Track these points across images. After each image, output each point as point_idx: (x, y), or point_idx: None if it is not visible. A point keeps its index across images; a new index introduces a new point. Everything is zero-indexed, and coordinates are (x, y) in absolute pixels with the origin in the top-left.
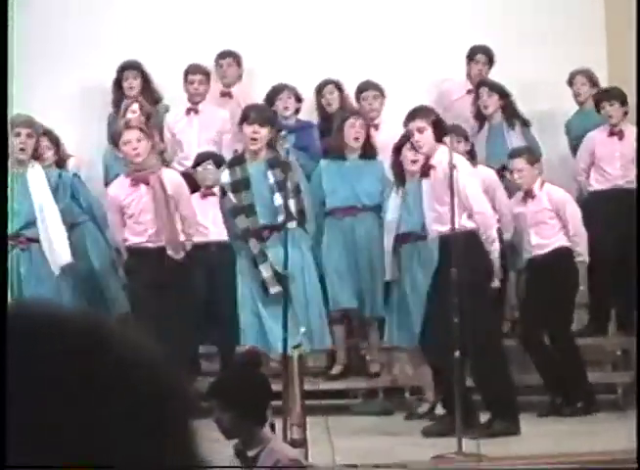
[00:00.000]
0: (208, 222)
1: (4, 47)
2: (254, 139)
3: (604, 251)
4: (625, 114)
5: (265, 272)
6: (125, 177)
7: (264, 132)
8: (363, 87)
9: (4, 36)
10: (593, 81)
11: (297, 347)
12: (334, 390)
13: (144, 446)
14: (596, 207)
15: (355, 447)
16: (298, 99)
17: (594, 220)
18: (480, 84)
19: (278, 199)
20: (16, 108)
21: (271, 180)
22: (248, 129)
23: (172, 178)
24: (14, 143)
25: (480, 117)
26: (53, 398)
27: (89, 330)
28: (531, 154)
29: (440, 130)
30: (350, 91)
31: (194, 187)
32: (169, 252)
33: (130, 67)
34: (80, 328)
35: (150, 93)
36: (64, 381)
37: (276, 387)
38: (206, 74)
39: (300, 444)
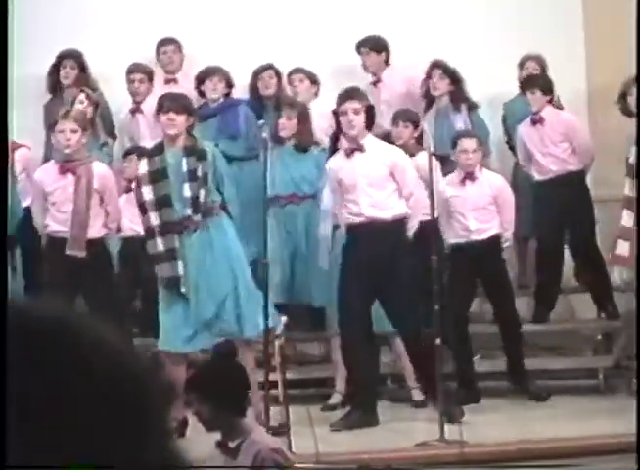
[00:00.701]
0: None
1: (4, 45)
2: (171, 125)
3: (552, 238)
4: (549, 102)
5: (163, 272)
6: (54, 164)
7: (181, 119)
8: (291, 72)
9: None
10: (543, 67)
11: (278, 336)
12: (314, 379)
13: (122, 440)
14: (545, 195)
15: (338, 436)
16: (229, 85)
17: (544, 208)
18: (433, 66)
19: (187, 190)
20: None
21: (184, 169)
22: (164, 117)
23: (101, 172)
24: None
25: (429, 98)
26: (26, 395)
27: (59, 325)
28: (479, 136)
29: (371, 117)
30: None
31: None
32: (69, 250)
33: (69, 55)
34: (51, 323)
35: (86, 83)
36: (34, 379)
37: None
38: (147, 73)
39: (282, 431)
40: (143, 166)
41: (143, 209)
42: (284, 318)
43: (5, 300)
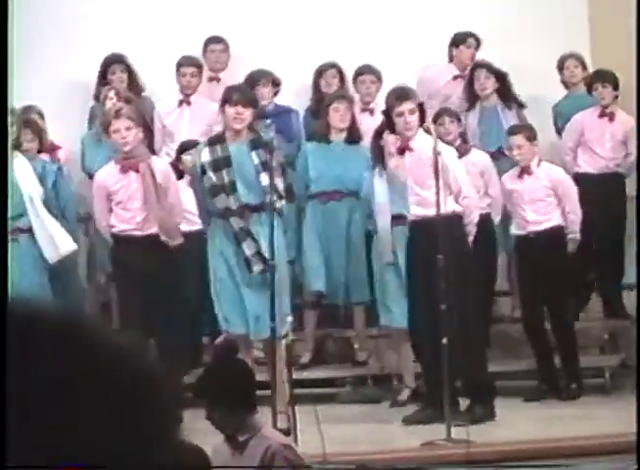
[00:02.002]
0: (195, 210)
1: (4, 43)
2: (239, 119)
3: (589, 233)
4: (616, 97)
5: (248, 250)
6: (115, 164)
7: (247, 113)
8: (360, 71)
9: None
10: (584, 65)
11: (284, 336)
12: (322, 378)
13: (127, 439)
14: (584, 188)
15: (345, 436)
16: (276, 83)
17: (581, 202)
18: (476, 66)
19: (265, 178)
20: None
21: (256, 161)
22: (230, 110)
23: (161, 167)
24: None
25: (472, 99)
26: (36, 394)
27: (70, 326)
28: (530, 131)
29: (423, 114)
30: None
31: (179, 176)
32: (164, 239)
33: (116, 60)
34: (61, 324)
35: (135, 86)
36: (45, 378)
37: (263, 376)
38: (199, 67)
39: (287, 433)
40: (205, 155)
41: (214, 191)
42: (289, 318)
43: (5, 300)
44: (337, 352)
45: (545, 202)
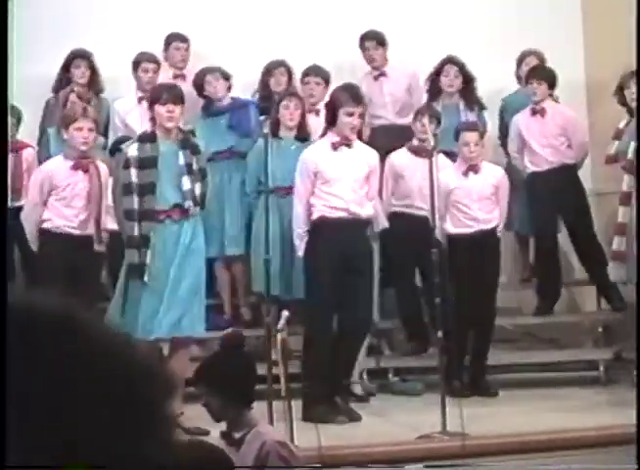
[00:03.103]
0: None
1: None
2: (170, 117)
3: (548, 229)
4: (550, 95)
5: (134, 258)
6: (64, 159)
7: (178, 111)
8: (307, 72)
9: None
10: (543, 61)
11: (279, 330)
12: None
13: (124, 435)
14: (538, 187)
15: (340, 430)
16: (226, 77)
17: (538, 199)
18: (447, 61)
19: (187, 182)
20: None
21: (181, 161)
22: (161, 109)
23: (104, 169)
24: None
25: (434, 93)
26: (33, 393)
27: (63, 319)
28: (482, 129)
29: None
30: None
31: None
32: (96, 246)
33: (81, 55)
34: (54, 317)
35: (95, 83)
36: (42, 376)
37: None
38: (157, 63)
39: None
40: (133, 150)
41: (127, 190)
42: (285, 312)
43: (5, 300)
44: None
45: (490, 200)
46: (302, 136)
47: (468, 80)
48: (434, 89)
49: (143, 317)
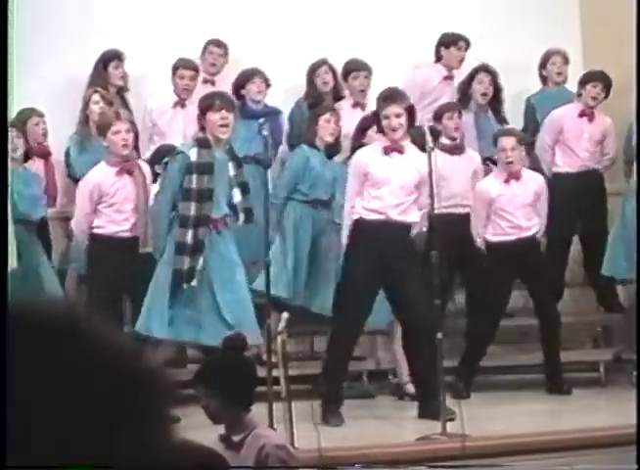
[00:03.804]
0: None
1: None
2: (225, 125)
3: (565, 233)
4: (604, 98)
5: (183, 264)
6: (107, 165)
7: (232, 118)
8: (350, 68)
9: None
10: (568, 61)
11: (280, 332)
12: (318, 374)
13: (124, 434)
14: (564, 186)
15: (340, 431)
16: (267, 84)
17: (559, 200)
18: (480, 70)
19: (237, 195)
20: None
21: (231, 172)
22: (215, 116)
23: (147, 170)
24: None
25: (465, 101)
26: (33, 393)
27: (66, 321)
28: (521, 135)
29: (412, 118)
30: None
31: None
32: (144, 248)
33: (117, 56)
34: (57, 319)
35: (126, 85)
36: (42, 377)
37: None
38: (196, 70)
39: None
40: (193, 154)
41: (186, 196)
42: (285, 314)
43: (5, 300)
44: None
45: (532, 207)
46: (335, 151)
47: (497, 90)
48: (464, 97)
49: (186, 323)
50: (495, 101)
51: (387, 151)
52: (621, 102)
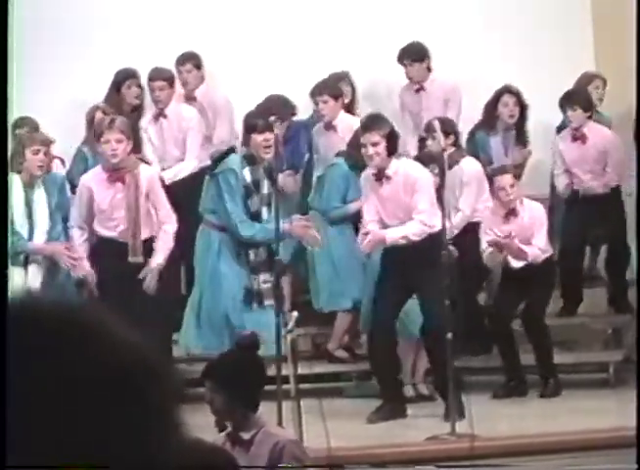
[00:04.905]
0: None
1: (4, 48)
2: (269, 146)
3: (578, 246)
4: (589, 117)
5: (264, 283)
6: (102, 171)
7: (272, 138)
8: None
9: (4, 36)
10: (605, 85)
11: (289, 331)
12: (327, 373)
13: (130, 432)
14: (575, 206)
15: (349, 430)
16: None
17: (573, 217)
18: (505, 91)
19: (272, 211)
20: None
21: (265, 191)
22: (259, 137)
23: (148, 175)
24: (32, 159)
25: (492, 122)
26: (35, 392)
27: (69, 319)
28: (517, 169)
29: (394, 143)
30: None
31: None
32: (131, 258)
33: (132, 76)
34: (63, 317)
35: (141, 101)
36: (45, 371)
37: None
38: (169, 79)
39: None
40: (247, 175)
41: (256, 217)
42: (295, 313)
43: (5, 299)
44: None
45: (529, 238)
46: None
47: (522, 110)
48: (490, 118)
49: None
50: (519, 119)
51: (376, 177)
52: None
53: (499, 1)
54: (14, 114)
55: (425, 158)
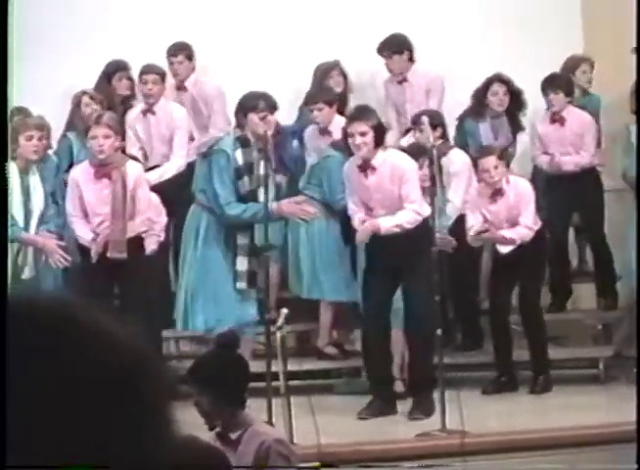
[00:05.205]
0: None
1: (4, 44)
2: (267, 125)
3: (561, 230)
4: (569, 102)
5: (241, 265)
6: (89, 165)
7: (273, 119)
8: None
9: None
10: (593, 69)
11: (279, 327)
12: (316, 370)
13: (124, 430)
14: (553, 189)
15: (340, 427)
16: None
17: (552, 201)
18: (495, 79)
19: (271, 189)
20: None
21: (262, 171)
22: (256, 117)
23: (134, 172)
24: (25, 145)
25: (481, 110)
26: (29, 388)
27: (63, 316)
28: (501, 150)
29: (381, 135)
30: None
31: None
32: (110, 253)
33: (122, 68)
34: (54, 314)
35: (133, 92)
36: (35, 370)
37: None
38: (161, 74)
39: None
40: (239, 156)
41: (246, 200)
42: (285, 310)
43: (5, 299)
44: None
45: (517, 217)
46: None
47: (515, 96)
48: (479, 106)
49: None
50: (512, 106)
51: (360, 169)
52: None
53: None
54: (11, 104)
55: (414, 150)
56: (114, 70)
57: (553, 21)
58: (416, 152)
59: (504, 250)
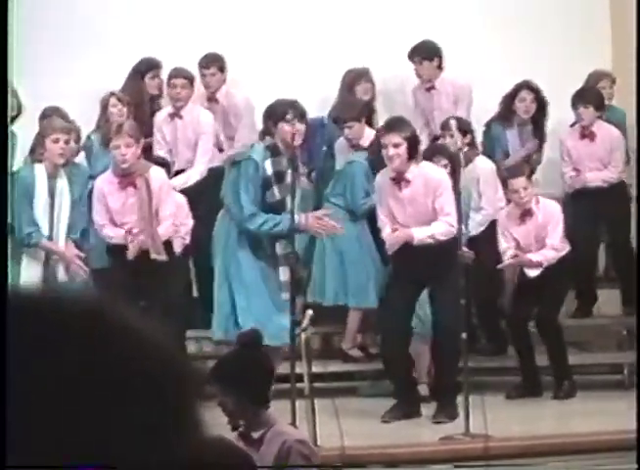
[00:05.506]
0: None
1: (4, 43)
2: (297, 135)
3: (591, 243)
4: (599, 117)
5: (284, 276)
6: (113, 175)
7: (302, 128)
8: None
9: (4, 32)
10: (614, 83)
11: (304, 329)
12: (341, 372)
13: (153, 431)
14: (582, 203)
15: (363, 430)
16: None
17: (581, 215)
18: (524, 86)
19: (297, 198)
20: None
21: (289, 180)
22: (287, 126)
23: (158, 178)
24: (52, 148)
25: (509, 116)
26: (57, 385)
27: (93, 312)
28: (530, 169)
29: (414, 147)
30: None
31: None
32: (153, 255)
33: (154, 66)
34: (83, 310)
35: (161, 92)
36: (64, 368)
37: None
38: (189, 79)
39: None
40: (269, 166)
41: (274, 209)
42: (310, 312)
43: (5, 298)
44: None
45: (544, 238)
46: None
47: (541, 106)
48: (507, 112)
49: None
50: (537, 114)
51: (394, 181)
52: None
53: None
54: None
55: (432, 151)
56: (148, 67)
57: (583, 35)
58: (434, 152)
59: (532, 274)
